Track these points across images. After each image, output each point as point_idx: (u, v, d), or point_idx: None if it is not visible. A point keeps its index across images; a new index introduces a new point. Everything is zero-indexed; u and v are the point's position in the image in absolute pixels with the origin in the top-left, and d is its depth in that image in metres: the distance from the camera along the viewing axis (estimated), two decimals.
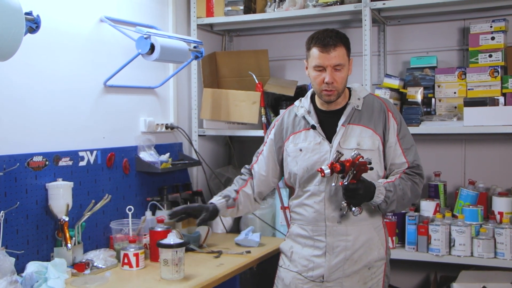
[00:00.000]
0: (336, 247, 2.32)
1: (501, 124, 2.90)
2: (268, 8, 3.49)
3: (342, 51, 2.27)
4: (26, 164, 2.41)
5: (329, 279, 2.33)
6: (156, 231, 2.69)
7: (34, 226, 2.44)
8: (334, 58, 2.24)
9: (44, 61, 2.55)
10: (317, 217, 2.34)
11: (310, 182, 2.36)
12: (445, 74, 3.25)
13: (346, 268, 2.32)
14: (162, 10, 3.36)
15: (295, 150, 2.40)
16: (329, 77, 2.25)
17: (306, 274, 2.37)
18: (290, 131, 2.44)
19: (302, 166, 2.36)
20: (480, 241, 2.90)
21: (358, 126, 2.34)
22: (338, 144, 2.31)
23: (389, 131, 2.35)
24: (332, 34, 2.27)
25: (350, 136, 2.32)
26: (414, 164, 2.36)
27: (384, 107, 2.39)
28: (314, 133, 2.37)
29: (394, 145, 2.35)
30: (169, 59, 2.92)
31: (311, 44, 2.30)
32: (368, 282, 2.35)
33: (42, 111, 2.54)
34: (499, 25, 3.11)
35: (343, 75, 2.28)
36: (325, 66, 2.25)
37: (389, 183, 2.28)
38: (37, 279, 2.21)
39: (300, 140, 2.39)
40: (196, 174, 3.58)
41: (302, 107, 2.43)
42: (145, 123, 3.16)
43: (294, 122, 2.44)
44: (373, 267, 2.35)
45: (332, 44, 2.24)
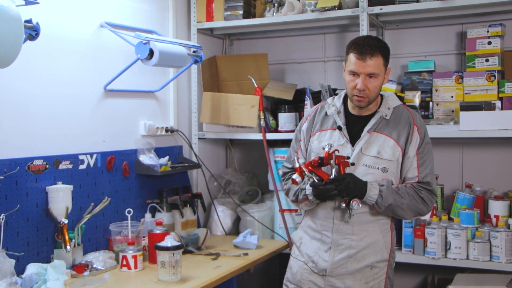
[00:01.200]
0: (340, 244, 2.39)
1: (497, 129, 2.92)
2: (267, 13, 3.53)
3: (379, 60, 2.29)
4: (26, 167, 2.46)
5: (332, 274, 2.40)
6: (154, 233, 2.73)
7: (34, 228, 2.49)
8: (369, 66, 2.27)
9: (45, 66, 2.60)
10: (327, 214, 2.41)
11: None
12: (443, 78, 3.27)
13: (348, 266, 2.38)
14: (162, 15, 3.41)
15: (318, 147, 2.44)
16: (361, 84, 2.28)
17: (311, 265, 2.45)
18: (318, 128, 2.49)
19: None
20: (475, 244, 2.92)
21: (382, 135, 2.38)
22: (360, 150, 2.35)
23: (411, 143, 2.38)
24: (372, 43, 2.29)
25: (372, 143, 2.37)
26: (425, 180, 2.38)
27: (411, 120, 2.41)
28: (339, 134, 2.42)
29: (412, 158, 2.38)
30: (168, 64, 2.96)
31: (350, 49, 2.33)
32: (370, 282, 2.40)
33: (43, 116, 2.58)
34: (495, 30, 3.13)
35: (376, 83, 2.31)
36: (359, 73, 2.28)
37: (383, 181, 2.34)
38: (36, 281, 2.26)
39: (325, 139, 2.44)
40: (196, 177, 3.62)
41: (333, 106, 2.47)
42: (145, 127, 3.20)
43: (323, 119, 2.49)
44: (375, 267, 2.40)
45: (369, 53, 2.26)
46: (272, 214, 3.45)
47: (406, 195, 2.34)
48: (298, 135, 2.59)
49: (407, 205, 2.35)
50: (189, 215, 3.29)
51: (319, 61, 3.83)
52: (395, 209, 2.35)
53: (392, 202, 2.32)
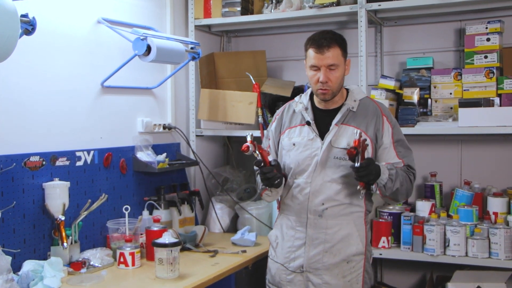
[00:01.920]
0: (315, 239, 2.42)
1: (496, 125, 2.91)
2: (265, 9, 3.51)
3: (337, 51, 2.34)
4: (23, 164, 2.44)
5: (309, 269, 2.43)
6: (152, 230, 2.72)
7: (31, 225, 2.47)
8: (328, 58, 2.32)
9: (42, 62, 2.58)
10: (301, 209, 2.44)
11: (300, 175, 2.45)
12: (441, 75, 3.26)
13: (325, 260, 2.41)
14: (160, 11, 3.39)
15: (289, 144, 2.49)
16: (323, 77, 2.33)
17: (288, 265, 2.47)
18: (287, 126, 2.53)
19: (294, 160, 2.45)
20: (474, 241, 2.91)
21: (350, 127, 2.41)
22: (330, 142, 2.39)
23: (383, 133, 2.43)
24: (328, 36, 2.35)
25: (341, 135, 2.41)
26: (408, 163, 2.45)
27: (379, 111, 2.46)
28: (308, 129, 2.45)
29: (388, 147, 2.43)
30: (166, 60, 2.94)
31: (308, 45, 2.40)
32: (347, 276, 2.43)
33: (40, 112, 2.56)
34: (494, 27, 3.12)
35: (337, 74, 2.35)
36: (320, 66, 2.34)
37: (388, 164, 2.37)
38: (33, 278, 2.24)
39: (294, 135, 2.48)
40: (194, 174, 3.60)
41: (300, 103, 2.52)
42: (143, 124, 3.19)
43: (291, 117, 2.53)
44: (351, 261, 2.43)
45: (326, 45, 2.32)
46: (270, 211, 3.43)
47: (403, 177, 2.39)
48: (267, 135, 2.63)
49: (405, 189, 2.41)
50: (186, 212, 3.27)
51: None
52: (397, 193, 2.39)
53: (399, 186, 2.37)
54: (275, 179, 2.34)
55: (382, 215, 3.23)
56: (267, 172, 2.32)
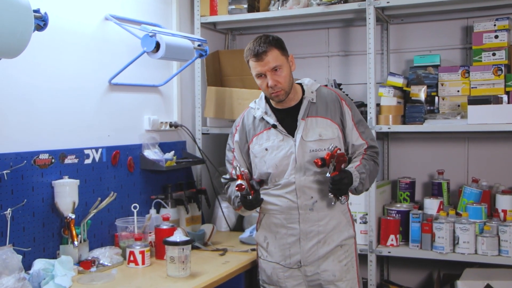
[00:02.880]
0: (309, 232, 2.44)
1: (505, 122, 2.91)
2: (271, 7, 3.49)
3: (275, 53, 2.35)
4: (32, 161, 2.41)
5: (306, 262, 2.45)
6: (161, 228, 2.69)
7: (40, 223, 2.44)
8: (269, 62, 2.34)
9: (50, 59, 2.55)
10: (290, 206, 2.44)
11: (281, 176, 2.45)
12: (449, 73, 3.25)
13: (320, 251, 2.44)
14: (166, 8, 3.37)
15: (261, 150, 2.48)
16: (271, 81, 2.34)
17: (284, 263, 2.47)
18: (252, 133, 2.52)
19: (271, 164, 2.45)
20: (484, 238, 2.91)
21: (316, 117, 2.45)
22: (301, 137, 2.41)
23: (345, 117, 2.48)
24: (261, 41, 2.37)
25: (310, 128, 2.43)
26: (372, 143, 2.52)
27: (337, 96, 2.51)
28: (275, 132, 2.46)
29: (351, 130, 2.48)
30: (174, 57, 2.92)
31: (247, 57, 2.40)
32: (343, 260, 2.48)
33: (48, 109, 2.54)
34: (502, 24, 3.11)
35: (284, 74, 2.37)
36: (264, 72, 2.35)
37: (359, 166, 2.43)
38: (44, 276, 2.21)
39: (263, 140, 2.48)
40: (200, 172, 3.58)
41: (258, 109, 2.51)
42: (149, 121, 3.16)
43: (254, 124, 2.52)
44: (344, 245, 2.48)
45: (263, 51, 2.33)
46: None
47: (372, 169, 2.47)
48: (230, 146, 2.60)
49: (372, 179, 2.52)
50: (193, 211, 3.25)
51: (323, 56, 3.80)
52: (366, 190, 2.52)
53: (368, 185, 2.49)
54: (258, 204, 2.39)
55: (390, 213, 3.23)
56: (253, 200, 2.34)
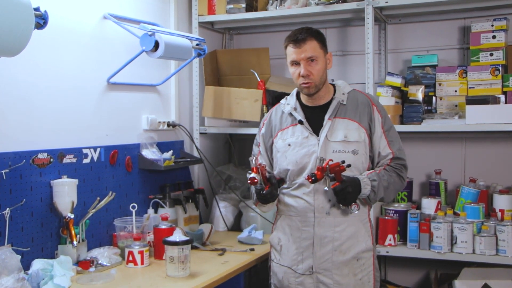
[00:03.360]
0: (324, 237, 2.38)
1: (503, 122, 2.92)
2: (270, 6, 3.48)
3: (314, 44, 2.35)
4: (31, 161, 2.39)
5: (318, 270, 2.38)
6: (160, 228, 2.68)
7: (39, 223, 2.43)
8: (306, 51, 2.33)
9: (48, 58, 2.53)
10: (306, 208, 2.40)
11: (300, 175, 2.42)
12: (446, 73, 3.26)
13: (334, 259, 2.37)
14: (163, 7, 3.36)
15: (284, 145, 2.46)
16: (304, 70, 2.34)
17: (296, 268, 2.42)
18: (278, 128, 2.50)
19: (292, 160, 2.42)
20: (482, 238, 2.92)
21: (344, 119, 2.41)
22: (326, 137, 2.38)
23: (375, 123, 2.43)
24: (303, 30, 2.38)
25: (336, 129, 2.40)
26: (399, 155, 2.44)
27: (368, 101, 2.47)
28: (301, 128, 2.43)
29: (379, 137, 2.43)
30: (173, 57, 2.91)
31: (285, 43, 2.41)
32: (358, 274, 2.39)
33: (47, 108, 2.52)
34: (500, 24, 3.12)
35: (318, 67, 2.36)
36: (299, 60, 2.35)
37: (372, 174, 2.37)
38: (43, 277, 2.20)
39: (288, 136, 2.46)
40: (198, 172, 3.57)
41: (288, 105, 2.51)
42: (148, 121, 3.15)
43: (281, 119, 2.51)
44: (361, 258, 2.40)
45: (303, 39, 2.34)
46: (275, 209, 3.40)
47: (390, 180, 2.39)
48: (257, 141, 2.61)
49: (392, 190, 2.43)
50: (191, 210, 3.24)
51: None
52: (382, 199, 2.46)
53: (383, 195, 2.39)
54: (273, 199, 2.38)
55: (388, 212, 3.23)
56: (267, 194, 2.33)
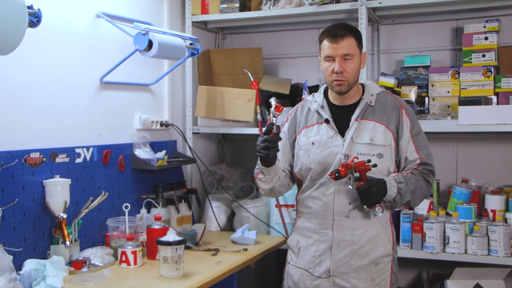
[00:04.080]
0: (342, 241, 2.33)
1: (495, 123, 2.94)
2: (263, 6, 3.48)
3: (351, 41, 2.30)
4: (23, 160, 2.37)
5: (336, 273, 2.33)
6: (153, 228, 2.67)
7: (31, 223, 2.41)
8: (343, 47, 2.28)
9: (41, 57, 2.51)
10: (326, 210, 2.35)
11: (322, 175, 2.36)
12: (439, 73, 3.28)
13: (352, 263, 2.32)
14: (157, 6, 3.34)
15: (307, 143, 2.40)
16: (338, 66, 2.28)
17: (313, 271, 2.38)
18: (303, 125, 2.45)
19: (315, 159, 2.37)
20: (474, 238, 2.93)
21: (371, 121, 2.36)
22: (351, 139, 2.33)
23: (403, 127, 2.37)
24: (342, 26, 2.32)
25: (363, 131, 2.34)
26: (427, 161, 2.38)
27: (398, 104, 2.41)
28: (326, 127, 2.38)
29: (407, 141, 2.37)
30: (167, 56, 2.89)
31: (322, 37, 2.35)
32: (376, 278, 2.35)
33: (39, 108, 2.50)
34: (492, 25, 3.15)
35: (353, 65, 2.30)
36: (334, 56, 2.29)
37: (398, 176, 2.31)
38: (35, 277, 2.18)
39: (312, 134, 2.40)
40: (190, 172, 3.56)
41: (315, 102, 2.45)
42: (140, 120, 3.14)
43: (307, 116, 2.45)
44: (380, 263, 2.36)
45: (341, 35, 2.28)
46: (268, 209, 3.41)
47: (417, 185, 2.33)
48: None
49: (419, 195, 2.36)
50: (184, 210, 3.23)
51: (313, 56, 3.79)
52: (408, 203, 2.36)
53: (410, 198, 2.32)
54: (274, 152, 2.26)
55: None
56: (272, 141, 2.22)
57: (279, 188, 2.47)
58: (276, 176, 2.41)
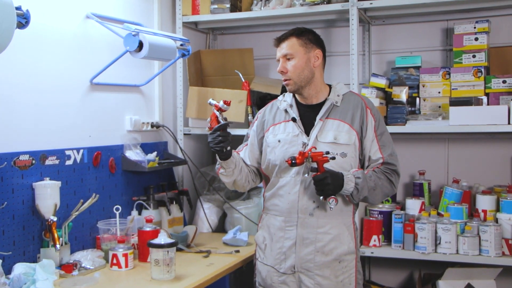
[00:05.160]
0: (306, 238, 2.38)
1: (486, 124, 2.95)
2: (254, 7, 3.47)
3: (292, 41, 2.40)
4: (12, 163, 2.34)
5: (300, 269, 2.38)
6: (145, 231, 2.66)
7: (20, 226, 2.38)
8: (283, 49, 2.40)
9: (30, 58, 2.48)
10: (291, 208, 2.39)
11: (286, 172, 2.41)
12: (430, 74, 3.28)
13: (317, 259, 2.37)
14: (147, 7, 3.32)
15: (274, 141, 2.46)
16: (280, 67, 2.41)
17: (279, 267, 2.42)
18: (271, 123, 2.51)
19: (280, 156, 2.41)
20: (465, 238, 2.94)
21: (335, 120, 2.41)
22: (315, 137, 2.37)
23: (367, 126, 2.42)
24: (287, 31, 2.44)
25: (326, 129, 2.39)
26: (390, 160, 2.41)
27: (363, 103, 2.46)
28: (293, 125, 2.43)
29: (371, 141, 2.41)
30: (157, 57, 2.88)
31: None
32: (340, 276, 2.39)
33: (28, 109, 2.47)
34: (482, 26, 3.16)
35: (293, 63, 2.38)
36: (278, 58, 2.43)
37: (357, 172, 2.34)
38: (25, 281, 2.16)
39: (279, 132, 2.46)
40: (182, 173, 3.54)
41: (285, 101, 2.51)
42: (131, 122, 3.11)
43: (275, 114, 2.52)
44: (343, 260, 2.40)
45: (283, 38, 2.41)
46: (259, 211, 3.39)
47: (378, 183, 2.36)
48: (247, 134, 2.62)
49: (379, 193, 2.39)
50: (175, 212, 3.21)
51: None
52: (368, 198, 2.39)
53: (367, 194, 2.35)
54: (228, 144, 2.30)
55: (372, 213, 3.24)
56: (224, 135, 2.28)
57: (242, 182, 2.52)
58: (237, 168, 2.45)
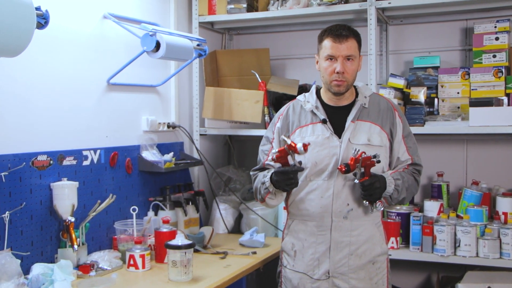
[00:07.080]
0: (340, 242, 2.34)
1: (506, 125, 2.90)
2: (271, 7, 3.45)
3: (354, 43, 2.32)
4: (30, 163, 2.35)
5: (335, 274, 2.34)
6: (162, 231, 2.64)
7: (38, 227, 2.38)
8: (346, 49, 2.29)
9: (48, 58, 2.48)
10: (323, 212, 2.34)
11: (318, 176, 2.35)
12: (449, 74, 3.24)
13: (351, 263, 2.33)
14: (163, 7, 3.31)
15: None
16: (340, 67, 2.29)
17: (312, 273, 2.37)
18: (296, 125, 2.43)
19: (311, 160, 2.34)
20: (485, 241, 2.90)
21: (366, 122, 2.38)
22: (348, 140, 2.33)
23: (396, 128, 2.41)
24: (345, 27, 2.34)
25: (359, 131, 2.36)
26: (417, 161, 2.44)
27: (391, 106, 2.45)
28: (322, 127, 2.37)
29: (399, 142, 2.41)
30: (174, 57, 2.87)
31: (324, 36, 2.35)
32: (374, 277, 2.37)
33: (46, 110, 2.47)
34: (503, 26, 3.11)
35: (354, 67, 2.33)
36: (337, 56, 2.30)
37: (395, 173, 2.36)
38: (43, 281, 2.16)
39: (307, 134, 2.39)
40: (198, 174, 3.53)
41: (308, 102, 2.44)
42: (147, 122, 3.11)
43: (300, 116, 2.43)
44: (377, 262, 2.38)
45: (345, 35, 2.30)
46: (276, 212, 3.38)
47: (410, 183, 2.38)
48: (269, 138, 2.52)
49: (410, 193, 2.41)
50: (191, 213, 3.20)
51: None
52: (402, 201, 2.40)
53: (405, 195, 2.36)
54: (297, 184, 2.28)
55: (390, 215, 3.20)
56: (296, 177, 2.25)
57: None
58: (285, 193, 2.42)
